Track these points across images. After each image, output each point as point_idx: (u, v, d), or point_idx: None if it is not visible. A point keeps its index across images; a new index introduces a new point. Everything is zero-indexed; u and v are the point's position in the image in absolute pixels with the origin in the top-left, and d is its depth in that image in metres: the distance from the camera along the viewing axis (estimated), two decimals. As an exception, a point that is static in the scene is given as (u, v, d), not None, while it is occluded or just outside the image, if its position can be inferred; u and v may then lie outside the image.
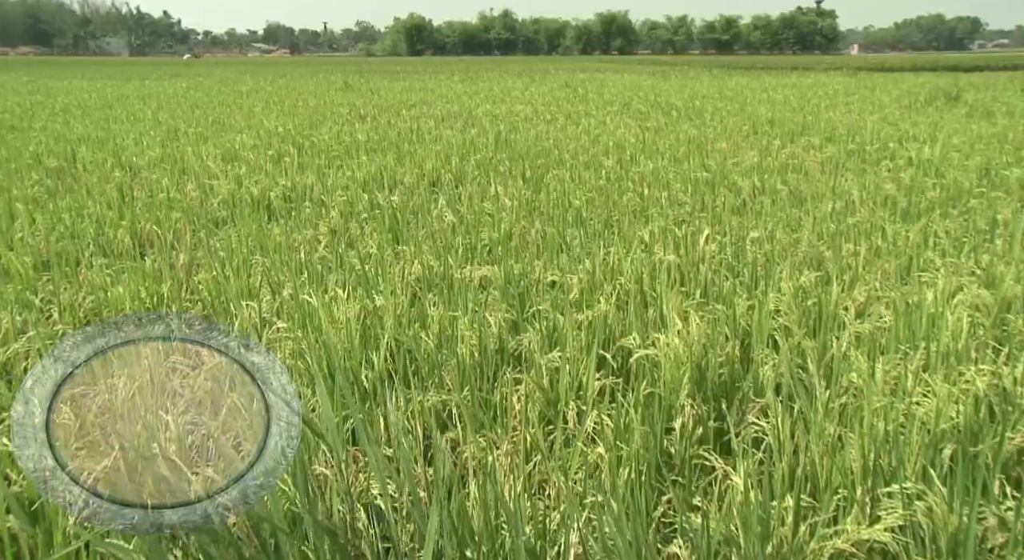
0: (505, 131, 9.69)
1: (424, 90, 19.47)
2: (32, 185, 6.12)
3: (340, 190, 5.88)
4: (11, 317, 3.22)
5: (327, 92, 19.09)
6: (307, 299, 2.99)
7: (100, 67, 45.62)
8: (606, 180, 6.15)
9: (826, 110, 12.64)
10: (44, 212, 5.12)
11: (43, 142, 8.78)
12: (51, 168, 6.96)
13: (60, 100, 16.23)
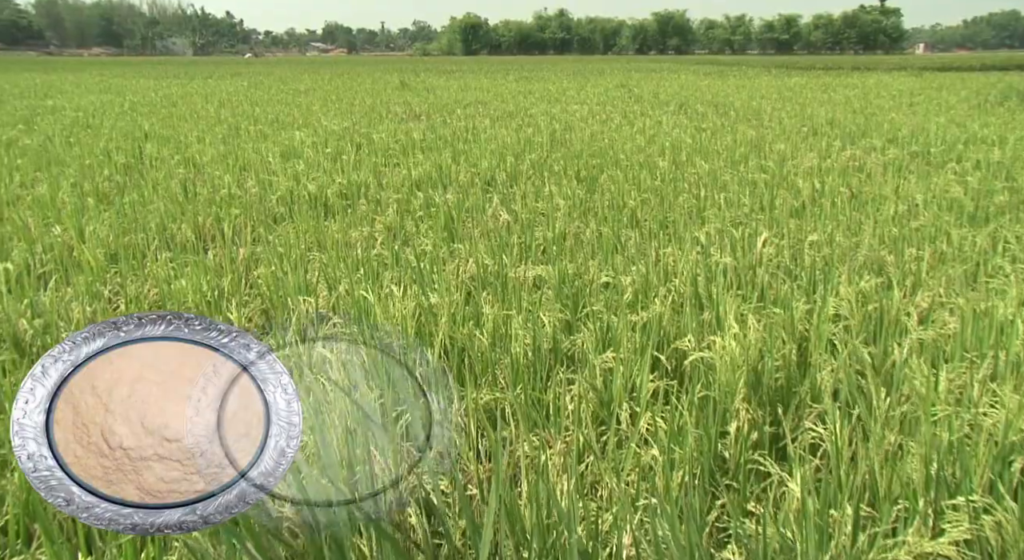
0: (560, 131, 9.68)
1: (479, 89, 19.55)
2: (103, 180, 6.32)
3: (396, 188, 5.94)
4: (82, 307, 3.34)
5: (383, 91, 19.30)
6: (363, 295, 3.03)
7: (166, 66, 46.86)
8: (661, 181, 6.10)
9: (889, 111, 12.34)
10: (113, 206, 5.28)
11: (113, 139, 9.06)
12: (120, 164, 7.18)
13: (128, 98, 16.72)
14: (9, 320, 3.19)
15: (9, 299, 3.39)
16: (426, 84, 22.45)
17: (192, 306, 3.48)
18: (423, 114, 12.56)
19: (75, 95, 17.88)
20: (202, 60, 77.76)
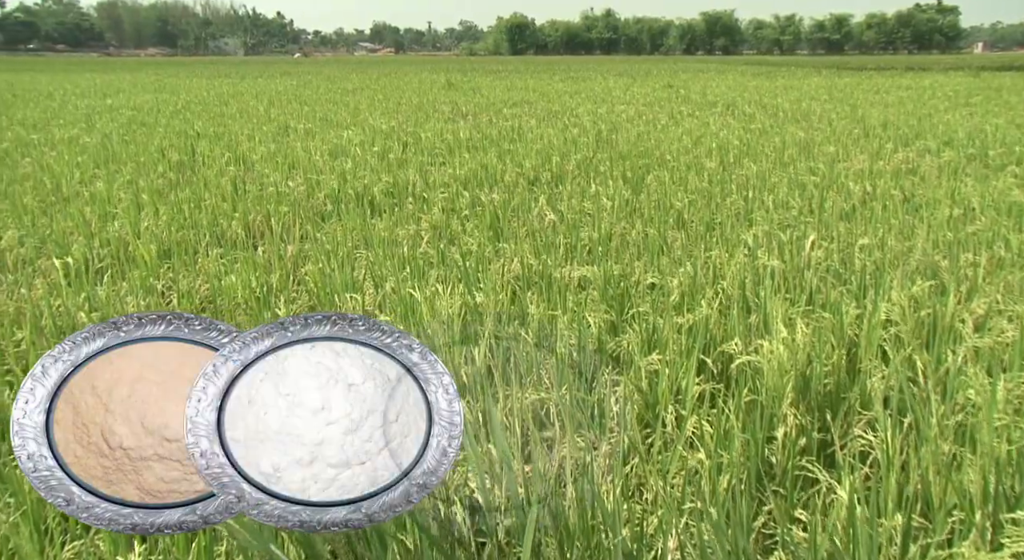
0: (606, 131, 9.64)
1: (525, 89, 19.57)
2: (157, 178, 6.47)
3: (442, 187, 5.98)
4: (136, 301, 3.43)
5: (430, 90, 19.43)
6: (410, 292, 3.05)
7: (217, 66, 47.76)
8: (708, 182, 6.04)
9: (944, 112, 12.05)
10: (166, 203, 5.40)
11: (167, 137, 9.27)
12: (173, 162, 7.34)
13: (182, 97, 17.08)
14: (68, 313, 3.28)
15: (69, 292, 3.49)
16: (472, 84, 22.53)
17: (241, 302, 3.54)
18: (469, 114, 12.61)
19: (132, 94, 18.32)
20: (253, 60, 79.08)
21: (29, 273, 3.95)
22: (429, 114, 12.48)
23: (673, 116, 11.82)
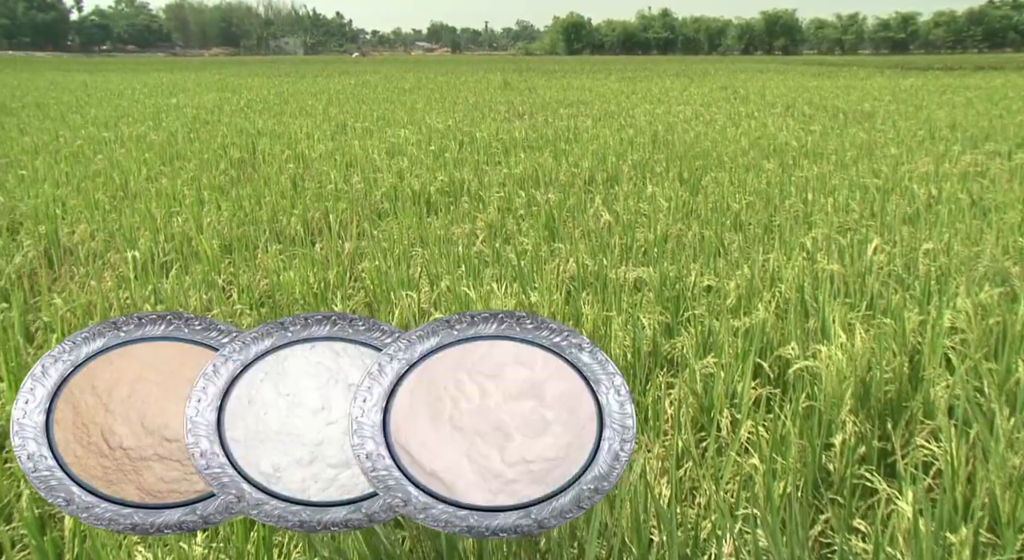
0: (663, 132, 9.56)
1: (581, 89, 19.52)
2: (219, 174, 6.63)
3: (497, 186, 6.00)
4: (198, 295, 3.51)
5: (486, 90, 19.50)
6: (465, 291, 3.07)
7: (278, 65, 48.69)
8: (767, 184, 5.95)
9: (1016, 113, 11.65)
10: (228, 199, 5.53)
11: (229, 135, 9.48)
12: (235, 159, 7.51)
13: (244, 96, 17.46)
14: (135, 305, 3.39)
15: (136, 285, 3.60)
16: (528, 83, 22.56)
17: (299, 297, 3.61)
18: (525, 113, 12.63)
19: (196, 93, 18.79)
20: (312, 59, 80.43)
21: (99, 266, 4.08)
22: (485, 113, 12.53)
23: (731, 117, 11.67)
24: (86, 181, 6.30)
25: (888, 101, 14.89)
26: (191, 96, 17.56)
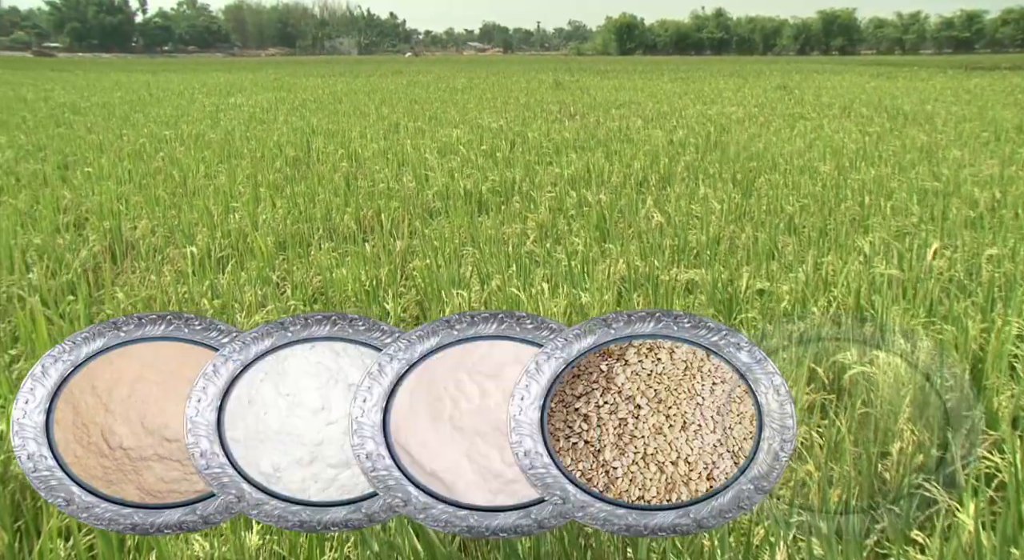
0: (715, 133, 9.45)
1: (633, 89, 19.40)
2: (274, 172, 6.75)
3: (548, 186, 6.00)
4: (254, 291, 3.59)
5: (537, 90, 19.51)
6: (515, 291, 3.08)
7: (332, 65, 49.36)
8: (822, 186, 5.84)
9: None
10: (283, 197, 5.63)
11: (284, 134, 9.65)
12: (290, 157, 7.64)
13: (299, 95, 17.74)
14: (193, 299, 3.47)
15: (193, 280, 3.69)
16: (580, 84, 22.50)
17: (351, 294, 3.65)
18: (577, 113, 12.60)
19: (253, 92, 19.16)
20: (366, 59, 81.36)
21: (159, 261, 4.19)
22: (536, 113, 12.54)
23: (786, 118, 11.48)
24: (147, 178, 6.47)
25: (951, 102, 14.50)
26: (248, 95, 17.91)
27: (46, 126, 10.77)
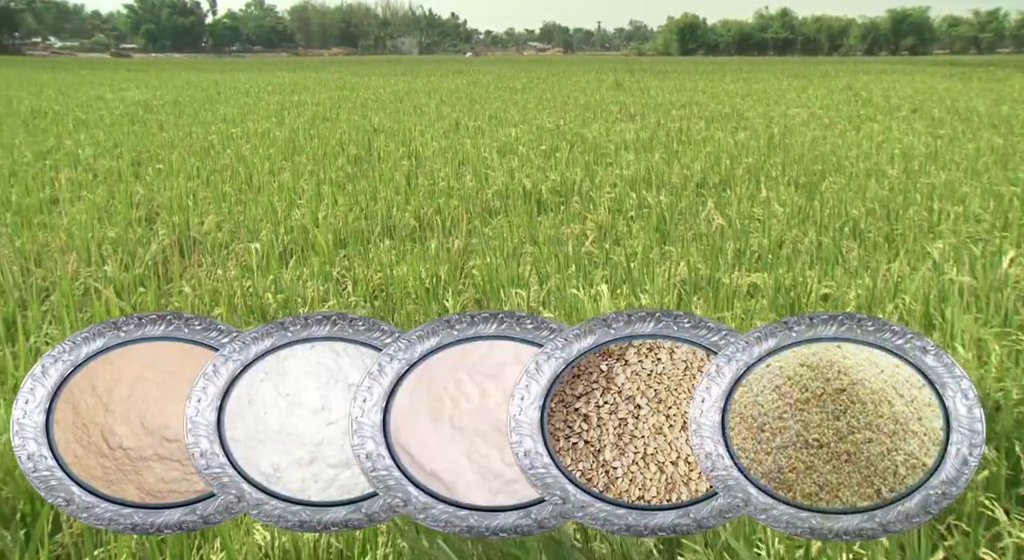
0: (778, 134, 9.29)
1: (694, 90, 19.18)
2: (336, 170, 6.86)
3: (608, 187, 5.98)
4: (315, 287, 3.65)
5: (597, 90, 19.43)
6: (574, 292, 3.08)
7: (394, 65, 49.93)
8: (890, 190, 5.69)
9: None
10: (344, 194, 5.72)
11: (346, 132, 9.81)
12: (352, 155, 7.76)
13: (361, 94, 18.00)
14: (257, 293, 3.55)
15: (258, 275, 3.77)
16: (640, 84, 22.34)
17: (411, 292, 3.70)
18: (637, 114, 12.51)
19: (316, 91, 19.50)
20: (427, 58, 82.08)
21: (224, 255, 4.30)
22: (596, 114, 12.49)
23: (852, 120, 11.22)
24: (214, 174, 6.65)
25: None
26: (311, 94, 18.23)
27: (121, 124, 11.14)
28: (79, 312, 3.31)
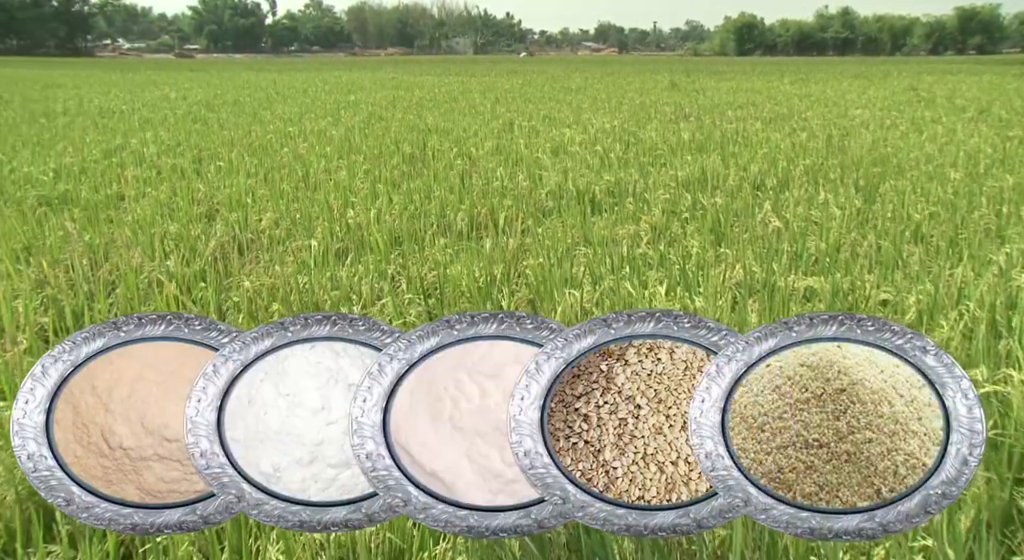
0: (837, 136, 9.10)
1: (751, 91, 18.90)
2: (391, 169, 6.94)
3: (663, 188, 5.93)
4: (370, 284, 3.70)
5: (652, 90, 19.28)
6: (630, 291, 3.06)
7: (448, 64, 50.24)
8: (954, 194, 5.53)
9: None
10: (399, 193, 5.78)
11: (401, 131, 9.91)
12: (406, 154, 7.83)
13: (415, 94, 18.16)
14: (313, 290, 3.61)
15: (315, 271, 3.84)
16: (696, 85, 22.10)
17: (465, 290, 3.71)
18: (692, 115, 12.38)
19: (372, 91, 19.74)
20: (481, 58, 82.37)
21: (281, 252, 4.38)
22: (651, 115, 12.40)
23: (914, 122, 10.93)
24: (272, 172, 6.78)
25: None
26: (367, 93, 18.46)
27: (184, 123, 11.43)
28: (143, 305, 3.41)
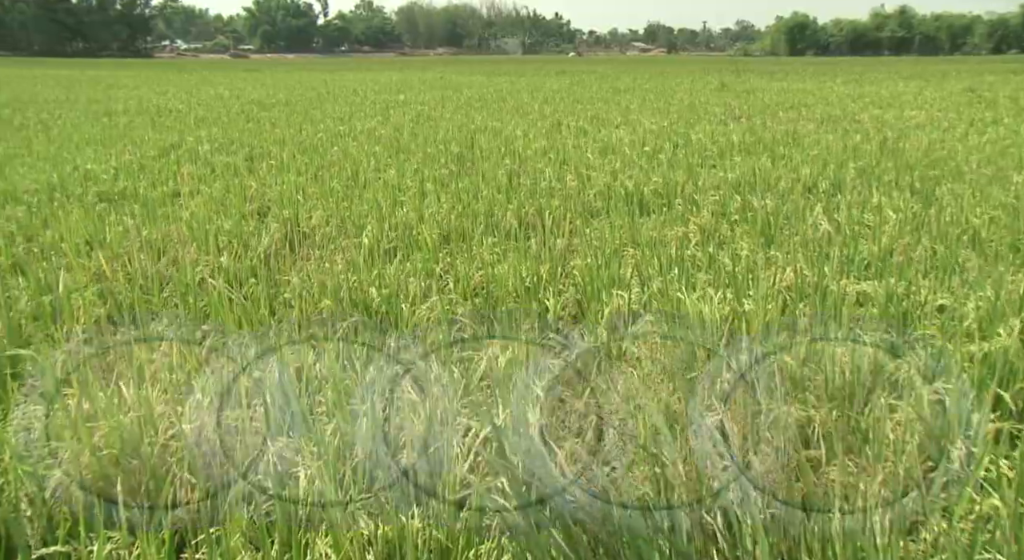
0: (892, 138, 8.91)
1: (803, 92, 18.59)
2: (439, 168, 6.98)
3: (712, 189, 5.87)
4: (418, 283, 3.73)
5: (702, 91, 19.08)
6: (679, 294, 3.04)
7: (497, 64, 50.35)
8: (1015, 197, 5.38)
9: None
10: (447, 192, 5.81)
11: (449, 131, 9.96)
12: (454, 154, 7.87)
13: (464, 93, 18.24)
14: (362, 288, 3.65)
15: (364, 268, 3.88)
16: (746, 85, 21.81)
17: (511, 290, 3.72)
18: (742, 116, 12.22)
19: (420, 90, 19.88)
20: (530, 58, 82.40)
21: (331, 249, 4.44)
22: (700, 115, 12.27)
23: (974, 123, 10.64)
24: (322, 171, 6.87)
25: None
26: (416, 93, 18.59)
27: (237, 121, 11.65)
28: (197, 300, 3.48)
